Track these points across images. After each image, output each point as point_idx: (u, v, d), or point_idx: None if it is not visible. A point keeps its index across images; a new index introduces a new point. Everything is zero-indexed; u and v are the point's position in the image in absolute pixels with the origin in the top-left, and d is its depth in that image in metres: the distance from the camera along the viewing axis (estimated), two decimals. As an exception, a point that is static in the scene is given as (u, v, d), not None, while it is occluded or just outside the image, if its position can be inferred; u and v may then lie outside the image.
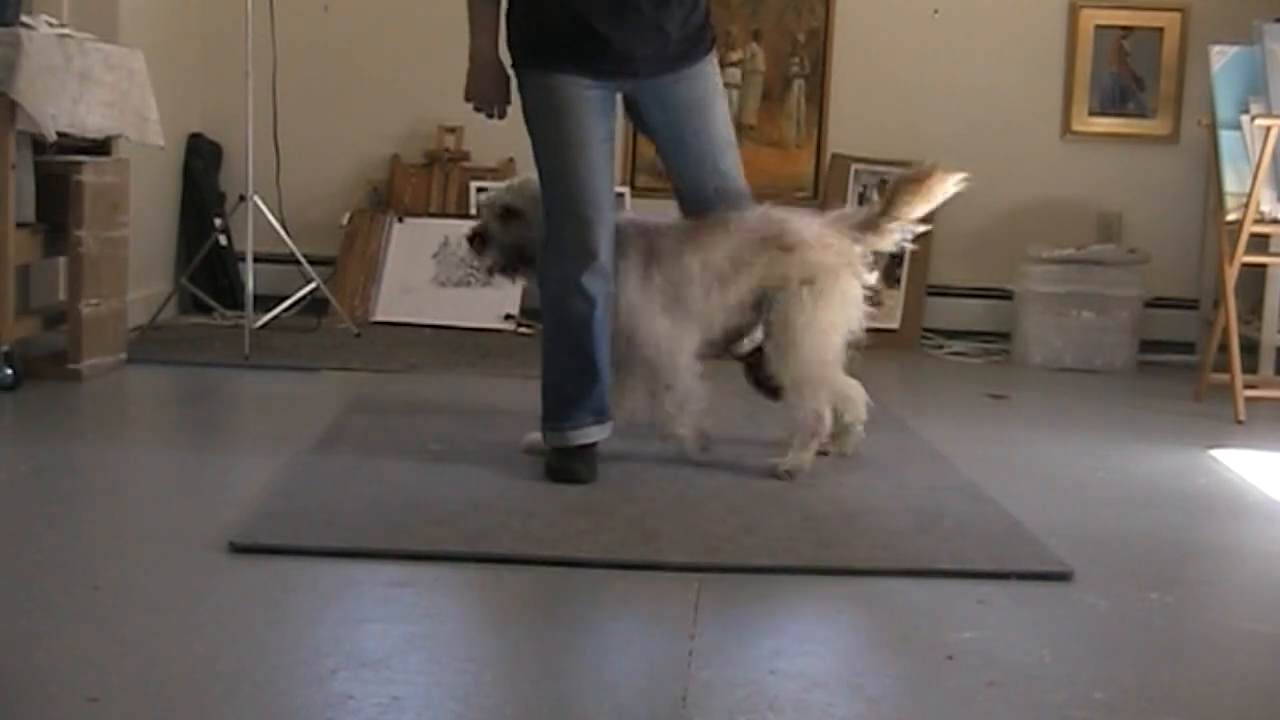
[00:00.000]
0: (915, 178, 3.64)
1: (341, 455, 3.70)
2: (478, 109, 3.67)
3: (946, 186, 3.64)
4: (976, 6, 6.26)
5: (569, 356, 3.53)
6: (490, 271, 3.76)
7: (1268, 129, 4.74)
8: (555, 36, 3.46)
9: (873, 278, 3.66)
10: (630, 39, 3.46)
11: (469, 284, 5.98)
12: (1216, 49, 5.15)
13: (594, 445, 3.57)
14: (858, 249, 3.63)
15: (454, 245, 6.03)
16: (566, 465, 3.52)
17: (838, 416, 3.74)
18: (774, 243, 3.61)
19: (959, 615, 2.70)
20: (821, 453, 3.71)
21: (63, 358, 4.58)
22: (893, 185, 3.69)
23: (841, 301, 3.61)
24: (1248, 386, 4.86)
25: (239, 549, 2.89)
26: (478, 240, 3.73)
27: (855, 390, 3.79)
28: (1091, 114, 6.25)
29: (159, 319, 5.58)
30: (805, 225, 3.65)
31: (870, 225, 3.66)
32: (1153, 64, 6.23)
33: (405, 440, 3.89)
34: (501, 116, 3.67)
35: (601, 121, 3.49)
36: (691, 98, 3.60)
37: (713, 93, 3.65)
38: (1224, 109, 5.08)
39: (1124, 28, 6.23)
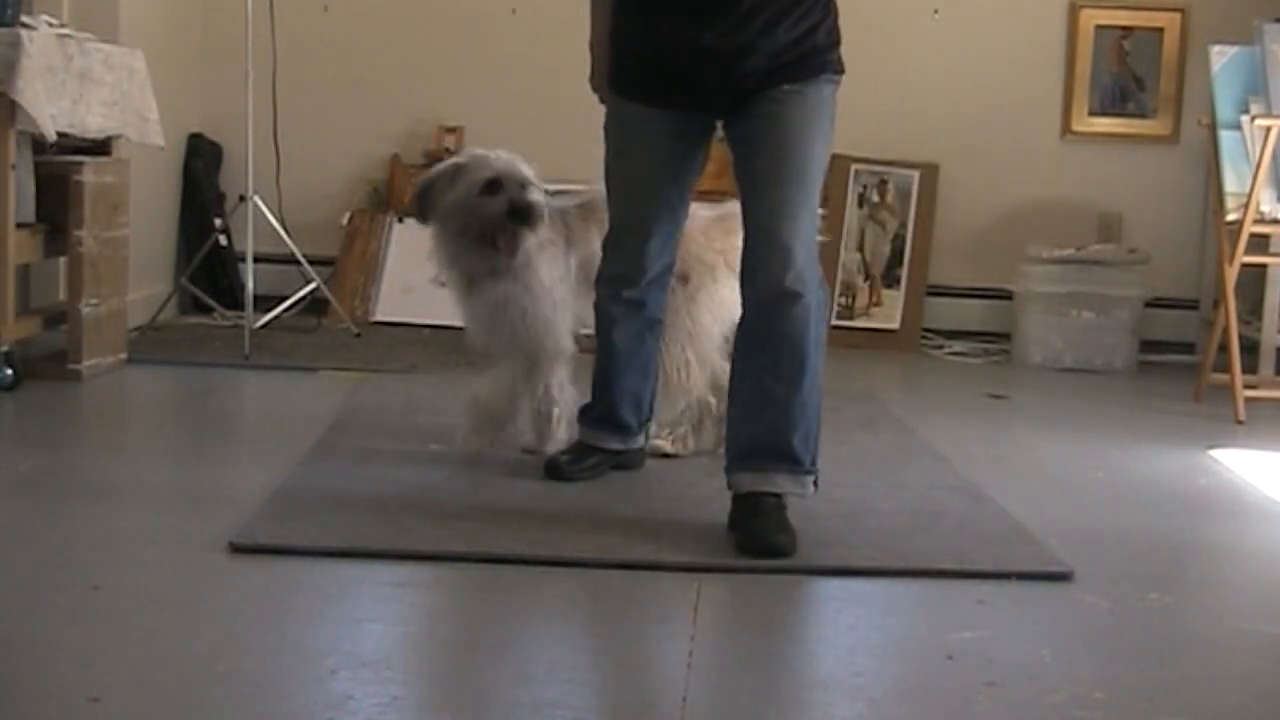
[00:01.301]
0: None
1: (341, 455, 3.70)
2: (602, 100, 3.41)
3: None
4: (976, 6, 6.26)
5: (598, 361, 3.55)
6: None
7: (1268, 129, 4.74)
8: (626, 61, 3.27)
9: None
10: (699, 71, 3.12)
11: (469, 284, 5.98)
12: (1216, 49, 5.15)
13: (603, 452, 3.56)
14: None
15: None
16: (560, 461, 3.54)
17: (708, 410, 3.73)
18: None
19: (959, 615, 2.70)
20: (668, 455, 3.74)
21: (63, 358, 4.58)
22: None
23: (715, 299, 3.61)
24: (1248, 386, 4.86)
25: (239, 549, 2.89)
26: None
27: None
28: (1091, 114, 6.25)
29: (159, 319, 5.58)
30: (691, 217, 3.47)
31: None
32: (1153, 64, 6.23)
33: (405, 440, 3.89)
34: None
35: (666, 162, 3.26)
36: (772, 117, 3.10)
37: (801, 123, 3.10)
38: (1224, 109, 5.08)
39: (1124, 28, 6.23)
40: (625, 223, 3.34)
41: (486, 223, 3.46)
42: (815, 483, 3.11)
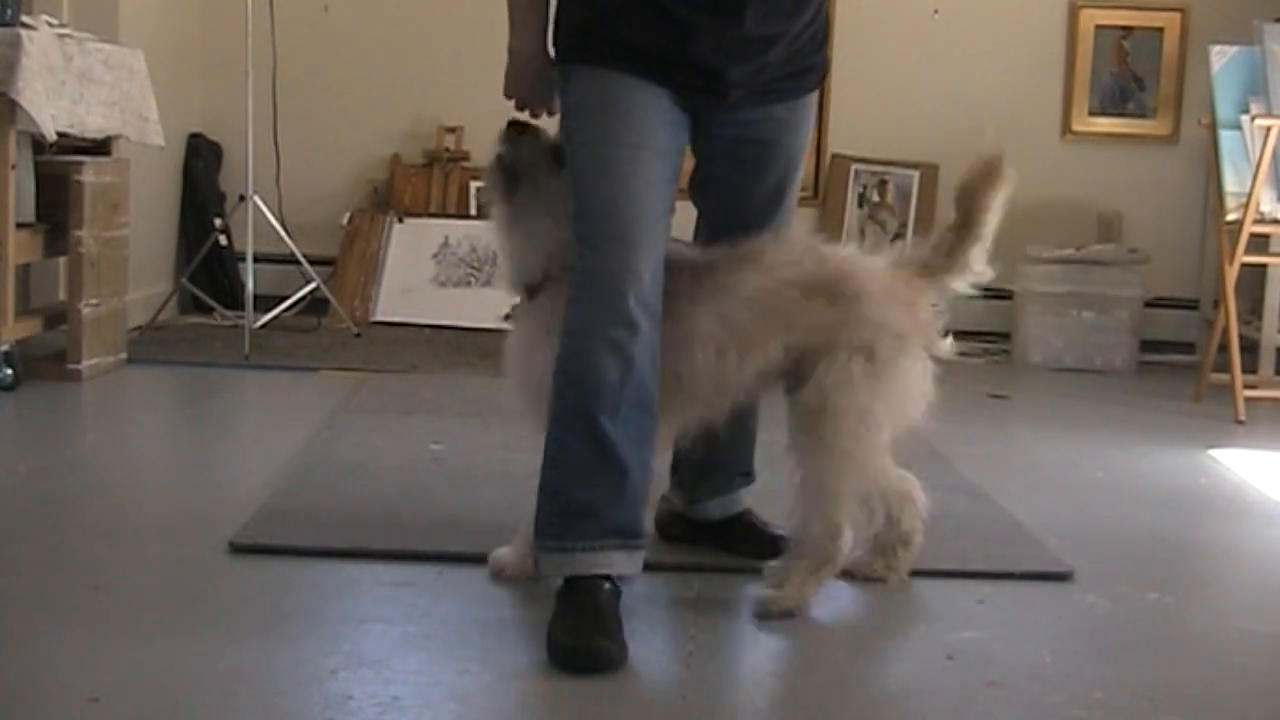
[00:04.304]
0: (988, 171, 2.84)
1: (341, 455, 3.70)
2: (520, 107, 2.79)
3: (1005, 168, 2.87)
4: (976, 6, 6.26)
5: (583, 443, 2.50)
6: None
7: (1268, 129, 4.74)
8: (625, 34, 2.59)
9: (947, 346, 2.79)
10: (724, 51, 2.60)
11: (469, 284, 5.98)
12: (1216, 49, 5.15)
13: (615, 587, 2.55)
14: (933, 305, 2.76)
15: (454, 245, 6.04)
16: (578, 628, 2.43)
17: (893, 523, 2.84)
18: (823, 290, 2.66)
19: (959, 615, 2.70)
20: (859, 576, 2.84)
21: (63, 358, 4.58)
22: (967, 191, 2.82)
23: (905, 381, 2.71)
24: (1248, 386, 4.86)
25: (239, 549, 2.89)
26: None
27: (912, 488, 2.88)
28: (1091, 114, 6.25)
29: (159, 319, 5.58)
30: (867, 268, 2.72)
31: (952, 259, 2.78)
32: (1153, 64, 6.23)
33: (405, 440, 3.89)
34: (552, 113, 2.77)
35: (668, 131, 2.63)
36: (776, 145, 2.77)
37: (799, 151, 2.84)
38: (1224, 109, 5.08)
39: (1124, 28, 6.24)
40: (635, 218, 2.53)
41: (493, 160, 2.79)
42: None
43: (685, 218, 2.80)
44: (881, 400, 2.65)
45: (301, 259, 5.59)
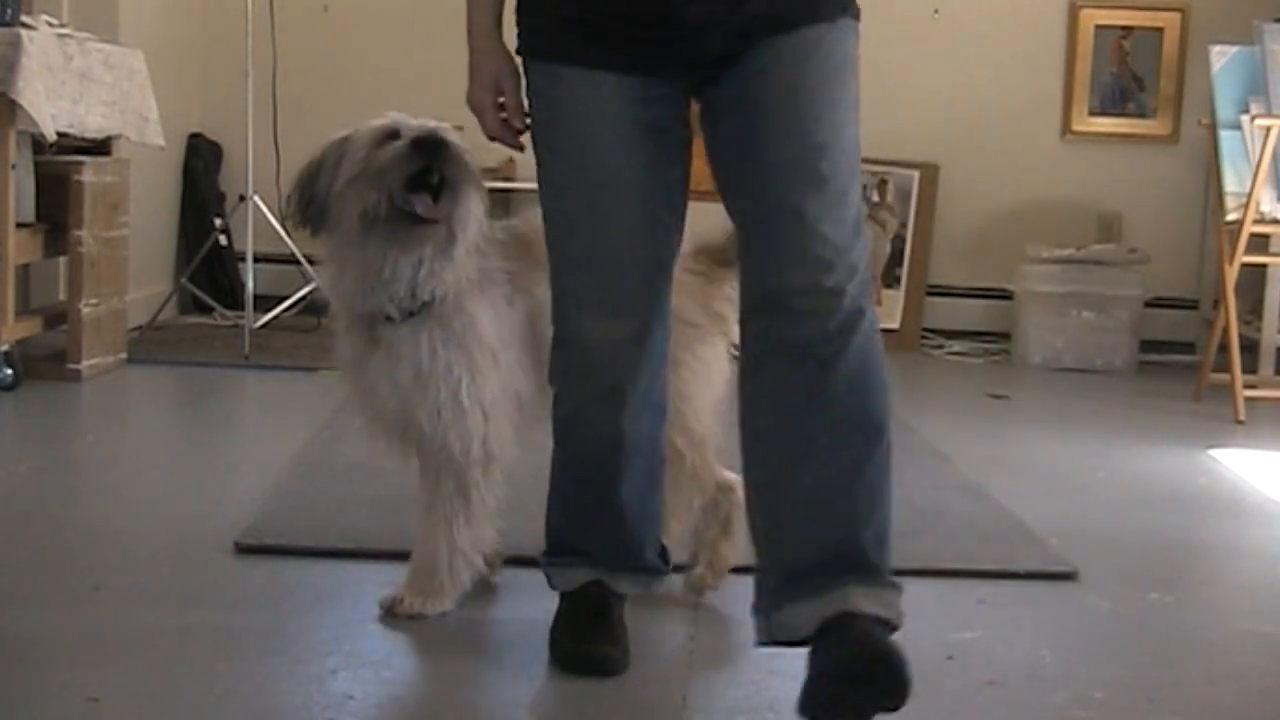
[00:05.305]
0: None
1: (342, 455, 3.70)
2: (492, 138, 2.47)
3: None
4: (976, 6, 6.26)
5: (586, 496, 2.44)
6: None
7: (1268, 129, 4.74)
8: (567, 9, 2.21)
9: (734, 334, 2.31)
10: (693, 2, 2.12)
11: (469, 284, 5.98)
12: (1216, 49, 5.15)
13: (618, 602, 2.47)
14: (727, 292, 2.55)
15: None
16: (581, 632, 2.38)
17: (721, 519, 2.68)
18: None
19: (959, 615, 2.70)
20: (692, 599, 2.67)
21: (63, 358, 4.58)
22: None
23: (703, 371, 2.59)
24: (1248, 386, 4.86)
25: (244, 549, 2.88)
26: None
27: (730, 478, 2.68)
28: (1091, 114, 6.25)
29: (159, 319, 5.58)
30: None
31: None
32: (1153, 64, 6.23)
33: (405, 440, 3.88)
34: (515, 139, 2.41)
35: (649, 145, 2.21)
36: (784, 82, 2.21)
37: (827, 79, 2.31)
38: (1224, 109, 5.08)
39: (1124, 28, 6.24)
40: (608, 276, 2.23)
41: (388, 177, 2.41)
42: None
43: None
44: (688, 387, 2.55)
45: (301, 259, 5.59)
